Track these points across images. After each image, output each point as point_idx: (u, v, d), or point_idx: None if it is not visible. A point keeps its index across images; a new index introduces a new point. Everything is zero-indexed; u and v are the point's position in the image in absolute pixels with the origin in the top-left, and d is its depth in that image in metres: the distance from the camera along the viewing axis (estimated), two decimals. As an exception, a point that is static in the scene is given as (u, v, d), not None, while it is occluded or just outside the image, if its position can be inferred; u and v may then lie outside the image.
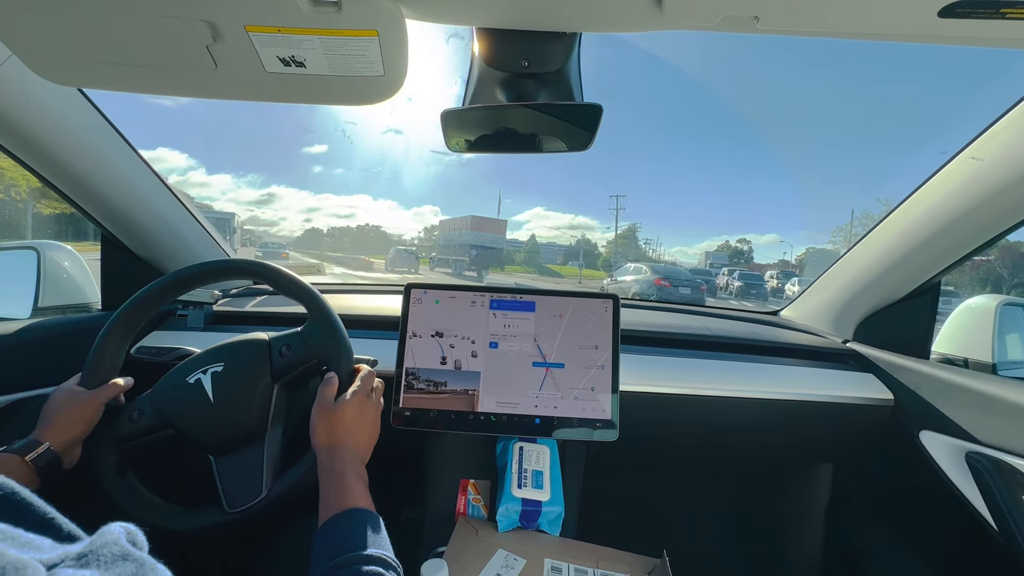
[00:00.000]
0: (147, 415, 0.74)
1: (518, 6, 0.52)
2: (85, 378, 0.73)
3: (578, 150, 0.74)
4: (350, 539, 0.53)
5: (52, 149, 0.85)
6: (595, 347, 0.91)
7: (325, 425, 0.67)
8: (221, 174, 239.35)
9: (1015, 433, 0.83)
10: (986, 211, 0.85)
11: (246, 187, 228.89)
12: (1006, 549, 0.82)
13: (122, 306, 0.77)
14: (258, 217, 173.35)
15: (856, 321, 1.18)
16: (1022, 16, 0.43)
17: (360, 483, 0.62)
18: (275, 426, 0.76)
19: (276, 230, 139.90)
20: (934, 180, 0.91)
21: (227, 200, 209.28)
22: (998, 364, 0.96)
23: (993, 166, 0.80)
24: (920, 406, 0.99)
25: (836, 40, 0.54)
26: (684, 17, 0.50)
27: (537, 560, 0.78)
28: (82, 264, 1.11)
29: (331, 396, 0.70)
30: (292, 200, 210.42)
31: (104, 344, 0.75)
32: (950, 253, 0.94)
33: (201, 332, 1.08)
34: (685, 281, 13.31)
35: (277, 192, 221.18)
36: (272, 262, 0.82)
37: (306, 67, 0.55)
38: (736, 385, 1.04)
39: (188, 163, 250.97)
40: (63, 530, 0.27)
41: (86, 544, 0.25)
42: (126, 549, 0.26)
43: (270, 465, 0.74)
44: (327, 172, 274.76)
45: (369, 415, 0.72)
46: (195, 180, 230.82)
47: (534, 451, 0.90)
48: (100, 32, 0.51)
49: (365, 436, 0.70)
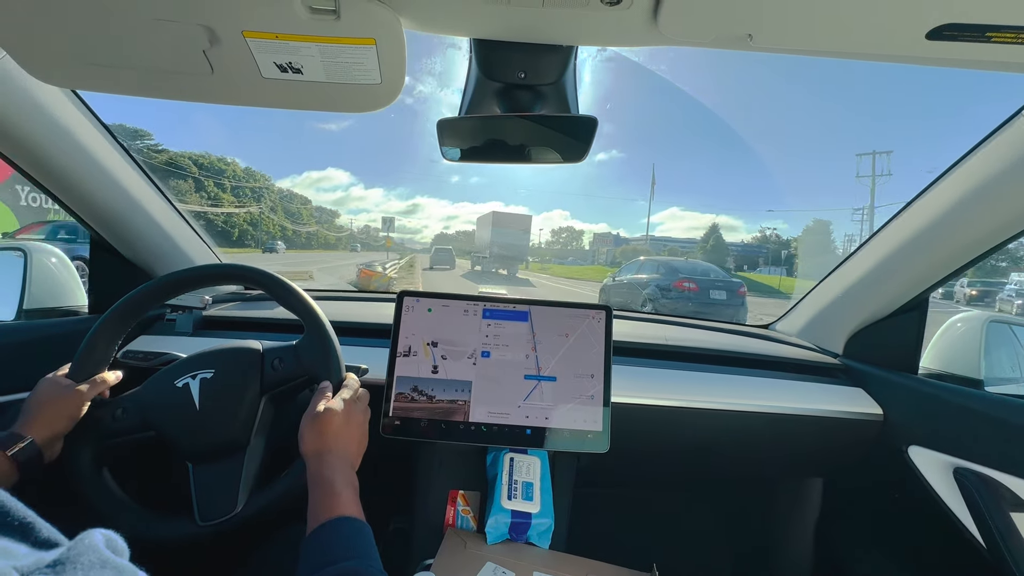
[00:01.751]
0: (130, 415, 0.73)
1: (515, 19, 0.53)
2: (74, 370, 0.72)
3: (572, 161, 0.75)
4: (338, 548, 0.52)
5: (43, 150, 0.84)
6: (587, 358, 0.91)
7: (313, 432, 0.67)
8: (375, 188, 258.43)
9: (1002, 450, 0.84)
10: (975, 228, 0.86)
11: (395, 199, 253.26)
12: (993, 565, 0.82)
13: (120, 300, 0.76)
14: (405, 226, 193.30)
15: (847, 335, 1.19)
16: (1008, 40, 0.44)
17: (350, 490, 0.61)
18: (257, 439, 0.75)
19: (420, 237, 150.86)
20: (924, 198, 0.92)
21: (379, 211, 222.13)
22: (985, 380, 0.97)
23: (982, 184, 0.82)
24: (909, 421, 1.00)
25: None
26: (679, 34, 0.51)
27: (526, 573, 0.77)
28: (69, 267, 1.10)
29: (321, 404, 0.70)
30: (434, 209, 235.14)
31: (97, 337, 0.74)
32: (939, 269, 0.95)
33: (190, 337, 1.07)
34: (719, 282, 9.69)
35: (421, 202, 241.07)
36: (269, 268, 0.81)
37: (303, 74, 0.55)
38: (727, 398, 1.04)
39: (350, 180, 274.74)
40: (41, 535, 0.26)
41: (63, 551, 0.24)
42: (104, 556, 0.25)
43: (247, 479, 0.73)
44: (463, 181, 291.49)
45: (356, 421, 0.71)
46: (355, 195, 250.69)
47: (525, 462, 0.89)
48: (95, 34, 0.51)
49: (354, 442, 0.69)
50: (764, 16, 0.47)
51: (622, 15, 0.49)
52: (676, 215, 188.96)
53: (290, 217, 72.89)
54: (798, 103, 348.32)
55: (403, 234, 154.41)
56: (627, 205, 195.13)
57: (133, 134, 48.25)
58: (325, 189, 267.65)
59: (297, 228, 70.97)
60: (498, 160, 0.78)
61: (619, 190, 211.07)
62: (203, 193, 52.13)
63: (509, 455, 0.90)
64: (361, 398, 0.75)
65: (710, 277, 10.11)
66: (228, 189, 56.78)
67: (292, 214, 75.15)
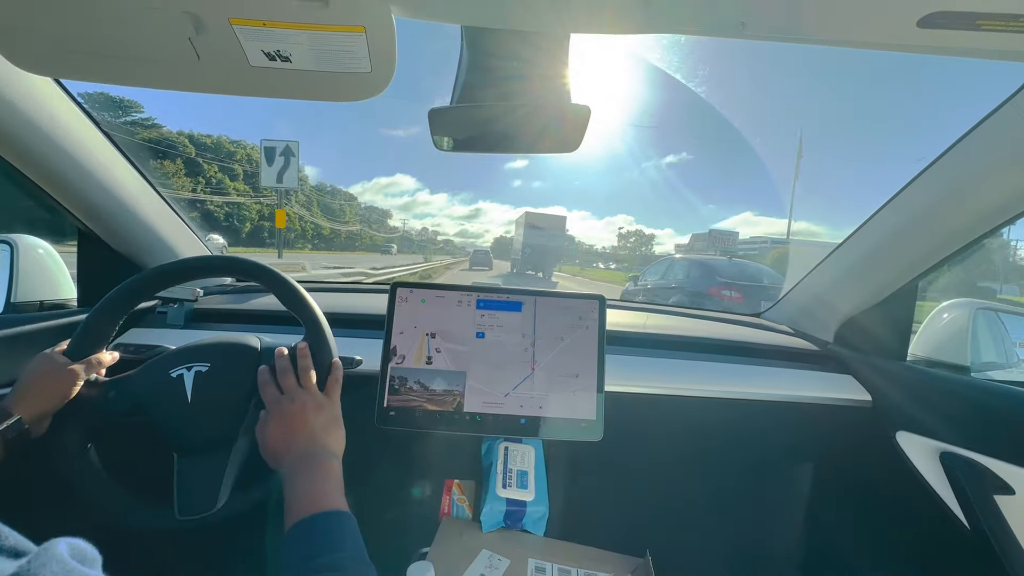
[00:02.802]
0: (122, 398, 0.73)
1: (507, 6, 0.52)
2: (72, 347, 0.71)
3: (565, 151, 0.75)
4: (322, 542, 0.51)
5: (26, 140, 0.82)
6: (581, 348, 0.91)
7: (278, 421, 0.66)
8: (440, 193, 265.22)
9: (987, 434, 0.85)
10: (964, 215, 0.87)
11: (458, 204, 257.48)
12: (977, 546, 0.84)
13: (128, 280, 0.76)
14: (467, 230, 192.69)
15: (837, 323, 1.20)
16: (996, 28, 0.44)
17: (332, 481, 0.60)
18: (244, 437, 0.75)
19: (480, 241, 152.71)
20: (913, 185, 0.93)
21: (443, 216, 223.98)
22: (972, 366, 0.99)
23: (970, 171, 0.82)
24: (897, 407, 1.01)
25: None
26: (671, 21, 0.51)
27: (521, 560, 0.78)
28: (58, 259, 1.08)
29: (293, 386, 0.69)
30: (495, 214, 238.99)
31: (99, 315, 0.74)
32: (928, 257, 0.96)
33: (182, 330, 1.06)
34: (773, 290, 6.75)
35: (483, 207, 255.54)
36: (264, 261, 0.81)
37: (291, 62, 0.54)
38: (719, 386, 1.06)
39: (416, 185, 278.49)
40: (6, 543, 0.25)
41: (23, 563, 0.23)
42: (69, 567, 0.24)
43: (229, 477, 0.73)
44: (526, 186, 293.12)
45: (331, 413, 0.69)
46: (421, 200, 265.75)
47: (519, 451, 0.90)
48: (78, 21, 0.50)
49: (331, 433, 0.67)
50: (757, 4, 0.47)
51: (614, 2, 0.49)
52: (749, 220, 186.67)
53: (329, 214, 68.92)
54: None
55: (465, 238, 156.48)
56: (697, 210, 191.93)
57: (118, 105, 44.38)
58: (393, 194, 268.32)
59: (336, 227, 68.05)
60: (491, 150, 0.77)
61: (686, 194, 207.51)
62: (199, 178, 47.62)
63: (504, 444, 0.91)
64: (332, 384, 0.73)
65: (763, 284, 7.05)
66: (240, 176, 51.55)
67: (332, 211, 71.54)
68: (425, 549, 0.80)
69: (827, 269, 1.20)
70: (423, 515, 0.91)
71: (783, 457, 1.27)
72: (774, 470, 1.29)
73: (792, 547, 1.29)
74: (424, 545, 0.81)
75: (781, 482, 1.29)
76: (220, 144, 52.69)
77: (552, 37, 0.62)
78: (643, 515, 1.22)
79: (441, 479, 0.92)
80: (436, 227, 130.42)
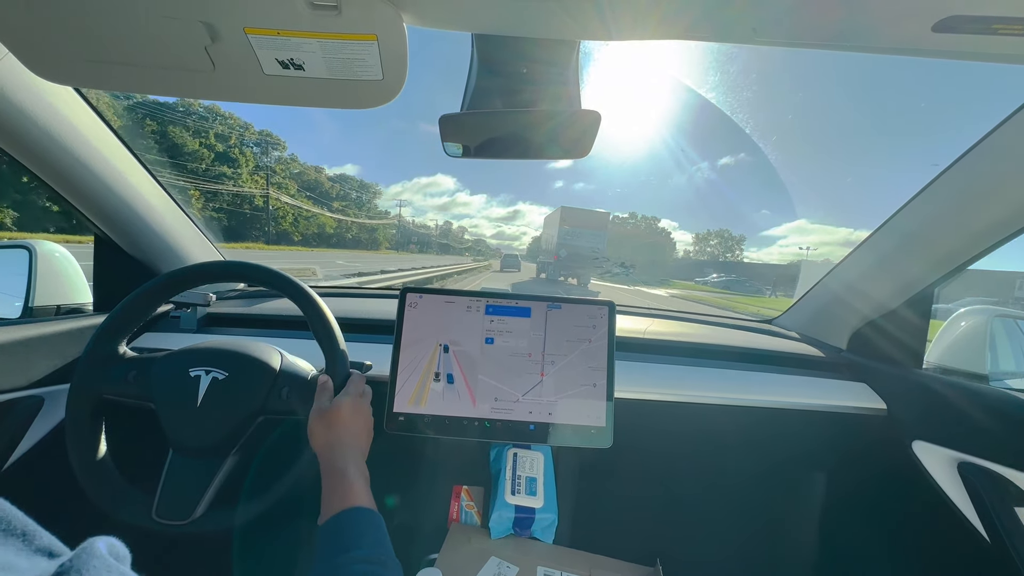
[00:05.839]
0: (140, 381, 0.75)
1: (517, 14, 0.52)
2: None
3: (576, 157, 0.75)
4: (351, 537, 0.54)
5: (47, 148, 0.84)
6: (590, 354, 0.91)
7: (323, 424, 0.68)
8: (479, 194, 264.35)
9: (1007, 444, 0.84)
10: (980, 222, 0.86)
11: (496, 205, 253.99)
12: (997, 559, 0.82)
13: (166, 273, 0.80)
14: (504, 232, 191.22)
15: (851, 330, 1.18)
16: (1014, 32, 0.44)
17: (362, 480, 0.63)
18: (235, 456, 0.76)
19: (517, 244, 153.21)
20: (927, 191, 0.92)
21: (481, 217, 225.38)
22: (991, 375, 0.97)
23: (986, 177, 0.81)
24: (913, 416, 1.00)
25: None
26: (681, 28, 0.51)
27: (530, 568, 0.77)
28: (75, 264, 1.10)
29: (327, 399, 0.72)
30: (534, 216, 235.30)
31: (140, 298, 0.79)
32: (944, 264, 0.95)
33: (195, 334, 1.08)
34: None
35: (522, 208, 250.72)
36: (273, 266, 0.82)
37: (305, 70, 0.55)
38: (730, 393, 1.04)
39: (456, 186, 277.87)
40: (43, 546, 0.26)
41: (65, 561, 0.24)
42: (110, 563, 0.25)
43: (211, 491, 0.74)
44: (567, 187, 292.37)
45: (363, 413, 0.73)
46: (460, 200, 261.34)
47: (528, 457, 0.90)
48: (97, 32, 0.51)
49: (363, 432, 0.71)
50: (769, 10, 0.47)
51: (625, 9, 0.49)
52: (803, 228, 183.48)
53: (323, 201, 62.88)
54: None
55: (501, 240, 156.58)
56: (749, 216, 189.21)
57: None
58: (432, 194, 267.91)
59: (343, 219, 63.47)
60: (501, 156, 0.77)
61: (738, 197, 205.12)
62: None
63: (512, 450, 0.90)
64: (365, 392, 0.77)
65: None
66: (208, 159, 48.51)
67: (339, 199, 66.91)
68: (434, 555, 0.80)
69: (840, 274, 1.18)
70: (432, 521, 0.91)
71: (795, 465, 1.25)
72: (786, 479, 1.27)
73: (804, 557, 1.27)
74: (433, 551, 0.81)
75: (793, 491, 1.27)
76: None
77: (562, 44, 0.62)
78: (653, 523, 1.20)
79: (450, 485, 0.92)
80: (474, 227, 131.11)
